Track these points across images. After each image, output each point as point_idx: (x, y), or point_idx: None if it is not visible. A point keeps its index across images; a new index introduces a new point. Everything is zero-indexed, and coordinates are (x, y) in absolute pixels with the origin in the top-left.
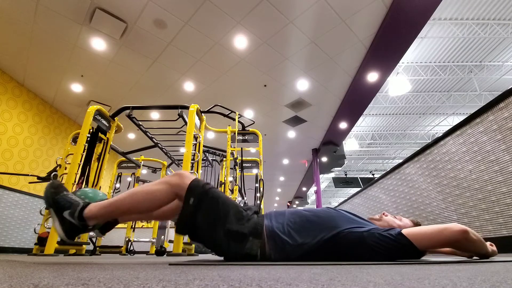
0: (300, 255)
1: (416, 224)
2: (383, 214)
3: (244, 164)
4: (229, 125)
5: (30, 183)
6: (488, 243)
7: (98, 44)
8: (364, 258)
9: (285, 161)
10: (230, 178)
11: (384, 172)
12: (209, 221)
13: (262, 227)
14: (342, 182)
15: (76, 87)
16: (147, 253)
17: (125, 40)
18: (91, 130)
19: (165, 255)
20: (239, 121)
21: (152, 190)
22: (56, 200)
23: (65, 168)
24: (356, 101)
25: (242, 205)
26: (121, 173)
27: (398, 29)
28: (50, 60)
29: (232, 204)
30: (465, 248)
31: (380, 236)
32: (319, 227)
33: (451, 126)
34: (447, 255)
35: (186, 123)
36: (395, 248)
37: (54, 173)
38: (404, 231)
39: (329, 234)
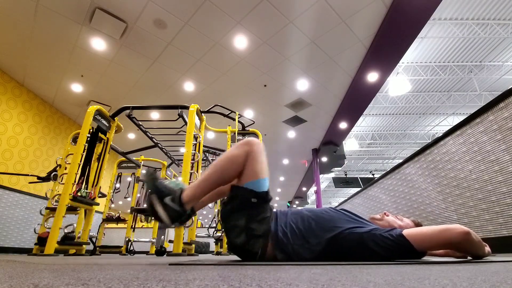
0: (303, 256)
1: (418, 224)
2: (385, 213)
3: None
4: (229, 125)
5: (30, 183)
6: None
7: (98, 44)
8: (364, 259)
9: (285, 161)
10: None
11: (384, 172)
12: (244, 208)
13: (269, 229)
14: (342, 182)
15: (76, 87)
16: (147, 253)
17: (125, 40)
18: (91, 130)
19: (165, 255)
20: (239, 121)
21: (233, 155)
22: (156, 186)
23: (65, 168)
24: (356, 101)
25: None
26: (121, 173)
27: (398, 29)
28: (50, 60)
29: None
30: (465, 249)
31: (380, 236)
32: (321, 228)
33: (451, 126)
34: (442, 257)
35: (186, 123)
36: (395, 249)
37: (54, 173)
38: (405, 232)
39: (330, 234)
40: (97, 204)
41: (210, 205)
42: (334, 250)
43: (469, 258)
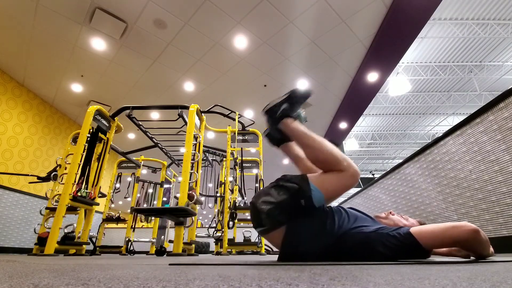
0: (307, 252)
1: (422, 224)
2: (390, 213)
3: (244, 164)
4: (229, 125)
5: (30, 183)
6: None
7: (98, 44)
8: (368, 259)
9: (285, 161)
10: (230, 178)
11: (384, 172)
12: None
13: (285, 222)
14: None
15: (76, 87)
16: (147, 253)
17: (125, 40)
18: (91, 130)
19: (165, 255)
20: (239, 121)
21: (336, 156)
22: (297, 97)
23: (65, 168)
24: (356, 101)
25: (242, 205)
26: (121, 173)
27: (398, 29)
28: (50, 60)
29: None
30: (472, 248)
31: (387, 236)
32: (330, 226)
33: (451, 126)
34: (443, 256)
35: (186, 123)
36: (401, 248)
37: (54, 173)
38: (412, 230)
39: (338, 233)
40: (97, 204)
41: (210, 205)
42: (338, 249)
43: (472, 258)
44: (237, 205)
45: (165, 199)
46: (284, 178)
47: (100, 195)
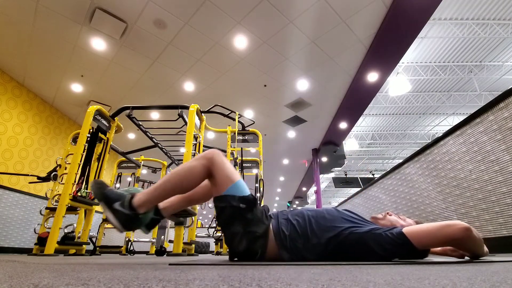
0: (305, 256)
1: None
2: (387, 213)
3: (244, 164)
4: (229, 125)
5: (30, 183)
6: None
7: (98, 44)
8: (365, 259)
9: (285, 161)
10: None
11: (384, 172)
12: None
13: (268, 228)
14: (342, 182)
15: (76, 87)
16: (147, 253)
17: (125, 40)
18: (91, 130)
19: (165, 255)
20: (239, 121)
21: (190, 166)
22: (104, 193)
23: (65, 168)
24: (356, 101)
25: None
26: (121, 173)
27: (398, 29)
28: (50, 60)
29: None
30: (465, 246)
31: (380, 236)
32: (321, 228)
33: (451, 126)
34: (439, 255)
35: (186, 123)
36: (395, 248)
37: (54, 173)
38: (405, 230)
39: (330, 234)
40: (97, 204)
41: (210, 205)
42: (335, 251)
43: (466, 258)
44: None
45: None
46: (217, 215)
47: None
